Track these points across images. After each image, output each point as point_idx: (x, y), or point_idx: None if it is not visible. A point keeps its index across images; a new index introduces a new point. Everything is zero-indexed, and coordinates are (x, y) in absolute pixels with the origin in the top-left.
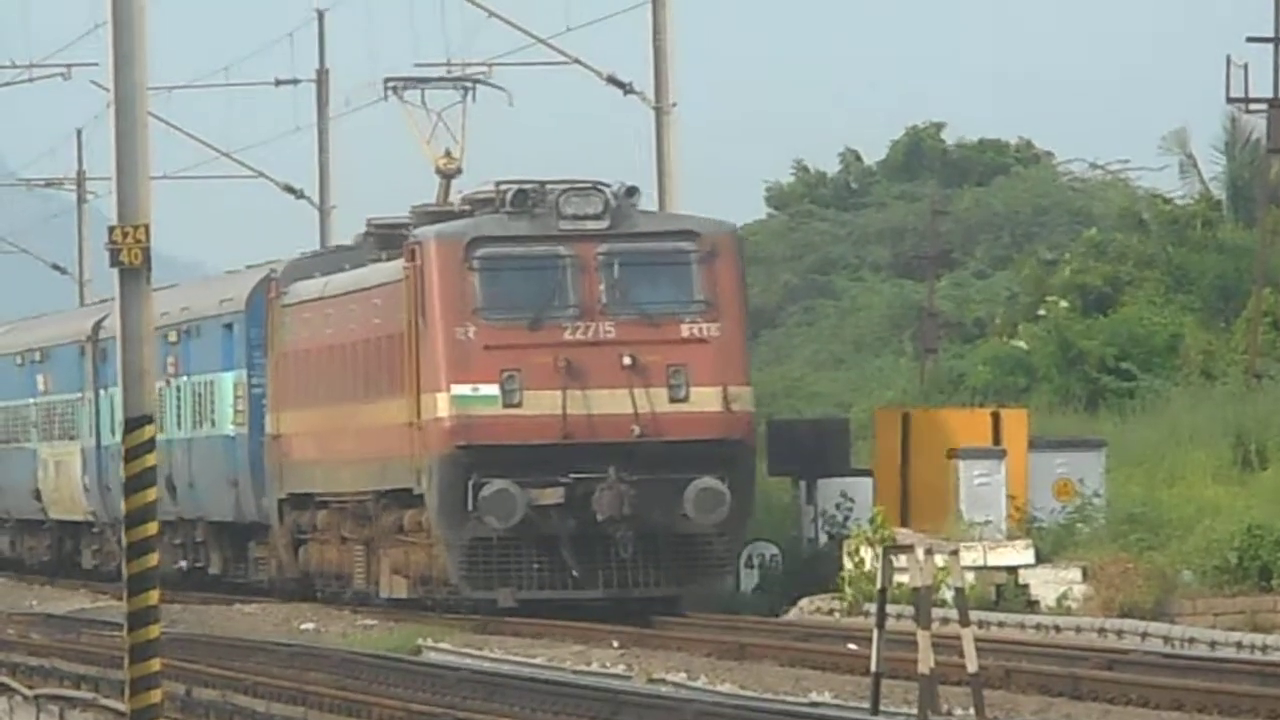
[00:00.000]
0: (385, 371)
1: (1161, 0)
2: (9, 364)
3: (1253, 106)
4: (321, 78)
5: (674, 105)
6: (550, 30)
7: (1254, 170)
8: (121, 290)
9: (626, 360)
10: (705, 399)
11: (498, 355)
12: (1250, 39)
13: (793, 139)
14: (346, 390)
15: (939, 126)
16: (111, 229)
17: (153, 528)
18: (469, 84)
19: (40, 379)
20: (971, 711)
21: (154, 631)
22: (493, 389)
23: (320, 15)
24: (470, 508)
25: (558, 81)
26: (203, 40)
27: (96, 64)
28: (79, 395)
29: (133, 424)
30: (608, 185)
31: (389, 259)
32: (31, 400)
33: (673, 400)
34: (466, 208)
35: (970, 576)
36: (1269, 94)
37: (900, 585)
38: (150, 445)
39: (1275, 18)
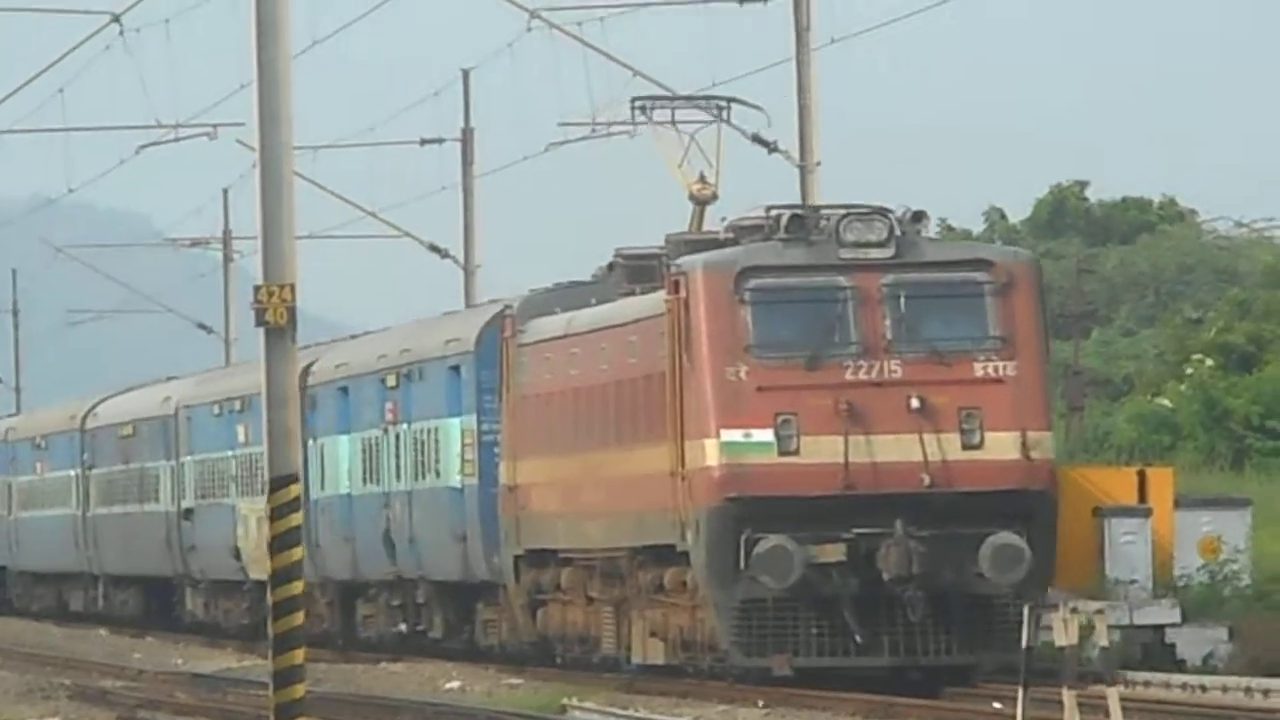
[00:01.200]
0: (643, 415)
1: None
2: (205, 415)
3: None
4: (466, 137)
5: (818, 164)
6: (694, 88)
7: None
8: (267, 349)
9: (915, 402)
10: (1001, 445)
11: (772, 397)
12: None
13: (936, 197)
14: (596, 436)
15: (1083, 184)
16: (257, 288)
17: (298, 586)
18: (723, 103)
19: (241, 430)
20: None
21: (299, 691)
22: (767, 434)
23: (465, 74)
24: (742, 566)
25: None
26: (348, 100)
27: (243, 123)
28: None
29: (278, 483)
30: (890, 210)
31: (642, 292)
32: (231, 453)
33: (965, 446)
34: (730, 235)
35: (1116, 635)
36: None
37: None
38: (296, 504)
39: None
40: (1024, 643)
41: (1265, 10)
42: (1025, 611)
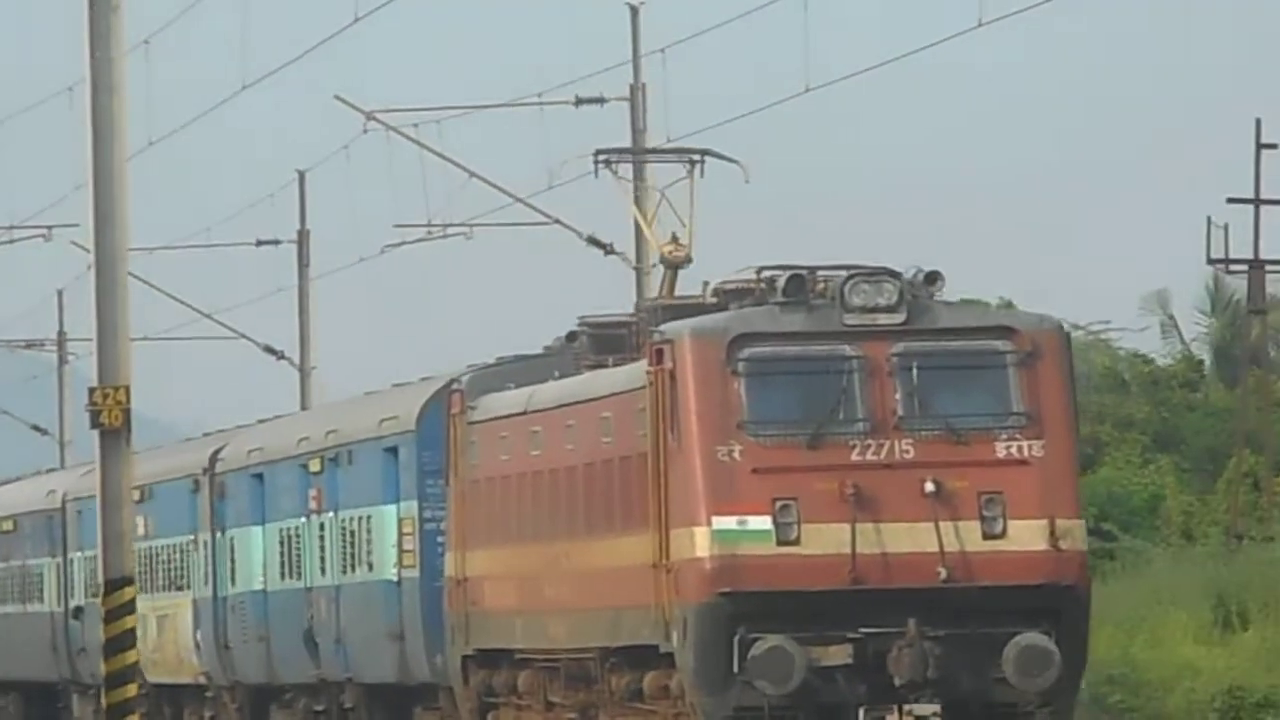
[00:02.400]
0: (619, 501)
1: (1142, 162)
2: (95, 508)
3: (1233, 267)
4: (302, 238)
5: (654, 266)
6: (531, 190)
7: (1235, 331)
8: (101, 451)
9: (929, 486)
10: (1027, 534)
11: (770, 480)
12: (1230, 200)
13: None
14: (562, 524)
15: None
16: (92, 390)
17: (132, 689)
18: (696, 157)
19: (140, 522)
20: None
21: None
22: (764, 522)
23: (301, 176)
24: (735, 669)
25: (539, 241)
26: (184, 200)
27: (77, 224)
28: (190, 538)
29: (112, 585)
30: (899, 271)
31: (616, 364)
32: None
33: (987, 536)
34: (714, 300)
35: None
36: (1249, 255)
37: None
38: (131, 607)
39: (1255, 179)
40: None
41: (1102, 121)
42: (861, 714)
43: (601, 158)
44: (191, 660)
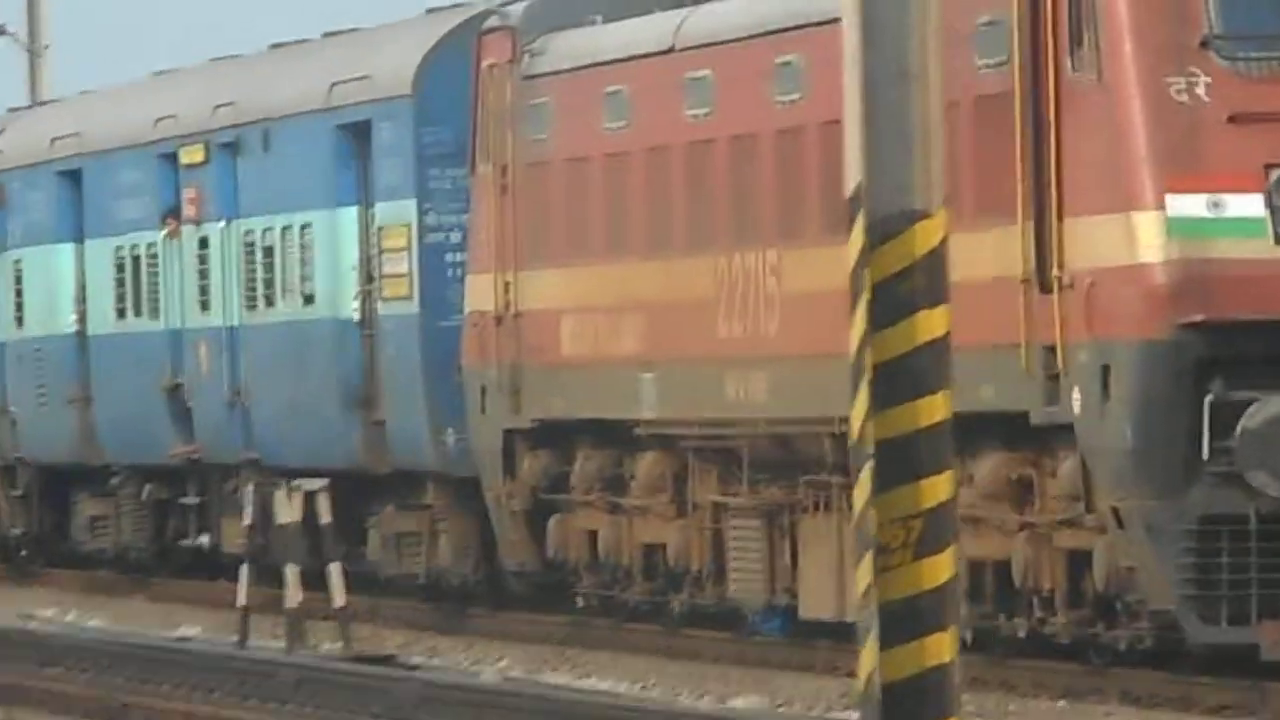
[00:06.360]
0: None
1: None
2: None
3: None
4: None
5: (47, 47)
6: None
7: None
8: None
9: None
10: None
11: (1260, 135)
12: None
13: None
14: (767, 222)
15: None
16: None
17: None
18: None
19: None
20: (340, 644)
21: None
22: (1253, 204)
23: None
24: (1204, 454)
25: None
26: None
27: None
28: None
29: None
30: None
31: None
32: None
33: None
34: None
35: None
36: None
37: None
38: None
39: None
40: (248, 521)
41: None
42: (250, 489)
43: None
44: None
